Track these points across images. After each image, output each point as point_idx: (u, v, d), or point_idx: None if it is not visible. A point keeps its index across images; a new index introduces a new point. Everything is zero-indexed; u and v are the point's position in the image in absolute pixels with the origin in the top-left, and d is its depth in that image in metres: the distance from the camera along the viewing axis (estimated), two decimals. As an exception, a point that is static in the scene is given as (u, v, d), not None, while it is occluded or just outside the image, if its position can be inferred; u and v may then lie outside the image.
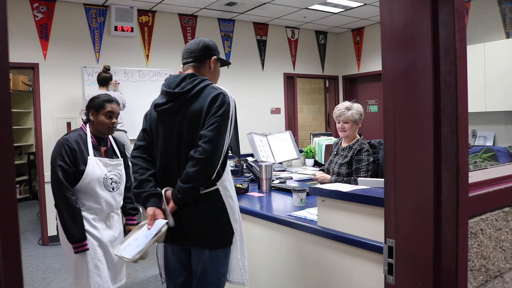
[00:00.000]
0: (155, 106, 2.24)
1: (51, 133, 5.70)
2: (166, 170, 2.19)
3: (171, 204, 2.12)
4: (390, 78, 1.23)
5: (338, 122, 3.35)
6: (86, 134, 2.66)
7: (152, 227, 2.12)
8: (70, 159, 2.54)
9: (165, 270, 2.37)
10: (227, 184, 2.20)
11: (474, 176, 1.32)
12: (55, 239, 5.64)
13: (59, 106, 5.75)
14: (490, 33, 6.20)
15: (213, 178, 2.11)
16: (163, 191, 2.15)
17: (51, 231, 5.64)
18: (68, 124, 5.78)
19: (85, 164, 2.58)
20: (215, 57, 2.31)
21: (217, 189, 2.15)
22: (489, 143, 6.32)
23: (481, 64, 6.02)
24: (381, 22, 1.24)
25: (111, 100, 2.72)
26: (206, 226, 2.14)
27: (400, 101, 1.20)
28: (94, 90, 5.62)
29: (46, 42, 5.65)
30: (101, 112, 2.67)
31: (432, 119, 1.11)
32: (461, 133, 1.10)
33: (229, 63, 2.46)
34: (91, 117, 2.68)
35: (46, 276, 4.44)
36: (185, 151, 2.11)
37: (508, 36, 6.07)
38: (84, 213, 2.61)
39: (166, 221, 2.10)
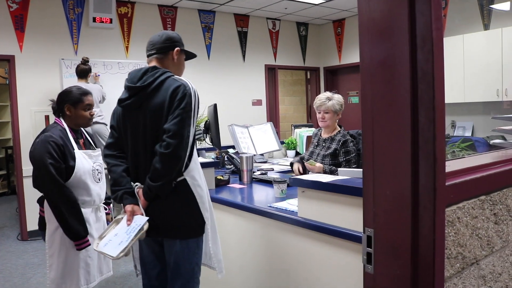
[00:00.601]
0: (119, 101, 2.25)
1: (29, 126, 5.60)
2: (137, 164, 2.22)
3: (142, 200, 2.15)
4: (368, 68, 1.22)
5: (319, 112, 3.35)
6: (65, 129, 2.61)
7: (132, 223, 2.13)
8: (59, 156, 2.48)
9: (140, 263, 2.38)
10: (195, 174, 2.20)
11: (452, 165, 1.33)
12: (34, 234, 5.56)
13: (36, 99, 5.63)
14: (469, 25, 6.27)
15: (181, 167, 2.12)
16: (135, 189, 2.17)
17: (30, 226, 5.56)
18: (46, 117, 5.67)
19: (73, 158, 2.53)
20: (178, 48, 2.31)
21: (184, 179, 2.16)
22: (468, 134, 6.41)
23: (460, 55, 6.09)
24: (358, 12, 1.24)
25: (86, 92, 2.68)
26: (175, 216, 2.16)
27: (378, 91, 1.20)
28: (74, 82, 5.54)
29: (22, 34, 5.53)
30: (79, 106, 2.63)
31: (409, 108, 1.11)
32: (438, 122, 1.10)
33: (195, 56, 2.43)
34: (67, 112, 2.62)
35: (26, 271, 4.38)
36: (151, 145, 2.12)
37: (486, 28, 6.14)
38: None
39: (147, 218, 2.12)
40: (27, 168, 5.54)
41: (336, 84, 8.67)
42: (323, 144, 3.38)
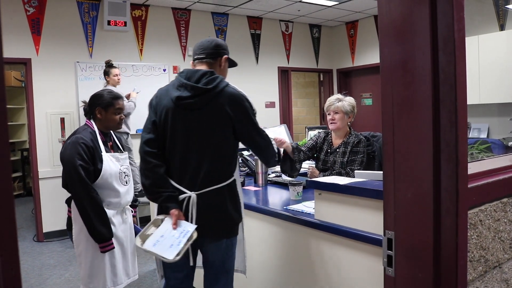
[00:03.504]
0: (178, 99, 2.17)
1: (45, 129, 5.66)
2: (184, 165, 2.21)
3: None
4: (389, 70, 1.22)
5: (329, 114, 3.23)
6: (95, 131, 2.67)
7: (180, 227, 2.16)
8: (88, 158, 2.54)
9: (164, 266, 2.36)
10: (237, 175, 2.33)
11: (472, 168, 1.31)
12: (50, 236, 5.63)
13: (52, 101, 5.69)
14: (484, 26, 6.21)
15: (233, 169, 2.29)
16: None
17: (46, 227, 5.62)
18: (62, 120, 5.74)
19: (101, 161, 2.60)
20: (226, 56, 2.38)
21: (234, 180, 2.27)
22: (483, 135, 6.34)
23: (475, 56, 6.03)
24: (378, 13, 1.23)
25: (117, 97, 2.76)
26: (226, 215, 2.23)
27: (398, 93, 1.19)
28: (88, 85, 5.63)
29: (38, 37, 5.59)
30: (110, 109, 2.70)
31: (431, 110, 1.11)
32: (460, 124, 1.09)
33: (236, 64, 2.51)
34: (98, 115, 2.69)
35: (42, 272, 4.42)
36: (203, 148, 2.18)
37: (502, 28, 6.08)
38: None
39: (195, 226, 2.15)
40: (43, 170, 5.61)
41: (350, 86, 8.64)
42: (337, 151, 3.23)
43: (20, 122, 8.60)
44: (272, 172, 3.81)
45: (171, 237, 2.12)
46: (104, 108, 2.68)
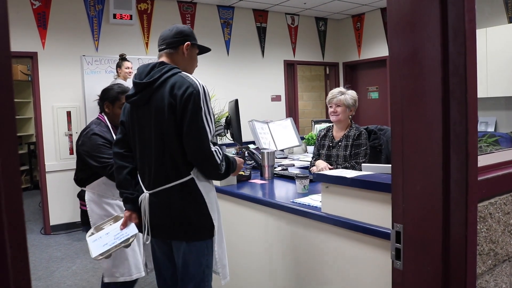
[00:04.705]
0: (126, 97, 2.20)
1: (51, 122, 5.68)
2: (143, 162, 2.17)
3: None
4: (397, 61, 1.20)
5: (330, 106, 3.28)
6: (107, 125, 2.71)
7: (125, 229, 2.22)
8: (106, 147, 2.63)
9: (154, 264, 2.36)
10: (198, 174, 2.13)
11: (482, 160, 1.30)
12: (57, 229, 5.66)
13: (58, 95, 5.72)
14: (492, 18, 6.15)
15: (187, 167, 2.08)
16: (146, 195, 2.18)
17: (53, 220, 5.66)
18: (68, 113, 5.76)
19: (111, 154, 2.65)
20: (189, 42, 2.19)
21: (192, 179, 2.08)
22: (491, 129, 6.30)
23: (483, 49, 5.97)
24: (387, 4, 1.22)
25: (125, 91, 2.74)
26: (182, 217, 2.09)
27: (407, 85, 1.18)
28: (94, 79, 5.63)
29: (44, 31, 5.60)
30: (116, 104, 2.72)
31: (440, 102, 1.09)
32: (470, 116, 1.08)
33: (208, 50, 2.33)
34: (106, 109, 2.72)
35: (49, 265, 4.45)
36: (156, 144, 2.07)
37: (510, 21, 6.01)
38: (118, 202, 2.70)
39: (137, 232, 2.20)
40: (49, 163, 5.63)
41: (356, 79, 8.60)
42: (339, 144, 3.28)
43: (26, 116, 8.64)
44: (279, 166, 3.80)
45: (111, 237, 2.21)
46: (111, 102, 2.71)
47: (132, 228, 2.20)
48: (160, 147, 2.06)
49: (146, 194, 2.15)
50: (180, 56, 2.19)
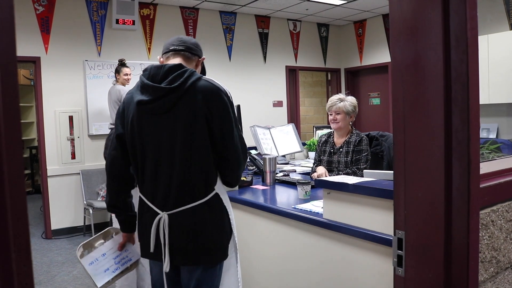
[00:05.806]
0: (139, 103, 1.88)
1: (53, 127, 5.69)
2: (156, 175, 1.90)
3: None
4: (400, 68, 1.21)
5: (330, 114, 3.29)
6: None
7: (125, 252, 2.11)
8: None
9: (152, 284, 2.11)
10: (220, 188, 1.97)
11: (484, 168, 1.30)
12: (58, 233, 5.66)
13: (61, 100, 5.73)
14: (494, 25, 6.16)
15: (212, 182, 1.92)
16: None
17: (54, 225, 5.66)
18: (70, 118, 5.77)
19: None
20: (204, 58, 2.10)
21: (217, 194, 1.92)
22: (493, 135, 6.29)
23: (484, 56, 5.98)
24: (390, 11, 1.22)
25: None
26: (209, 241, 1.89)
27: (409, 91, 1.18)
28: (96, 84, 5.63)
29: (47, 36, 5.62)
30: None
31: (443, 109, 1.10)
32: (472, 123, 1.08)
33: (205, 73, 2.17)
34: None
35: (50, 269, 4.45)
36: (180, 154, 1.84)
37: (512, 28, 6.03)
38: None
39: (139, 256, 2.07)
40: (51, 168, 5.64)
41: (357, 85, 8.61)
42: (341, 150, 3.29)
43: (29, 120, 8.66)
44: (280, 171, 3.80)
45: (110, 260, 2.06)
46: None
47: (134, 252, 2.09)
48: (187, 160, 1.84)
49: (164, 215, 1.87)
50: (193, 66, 2.01)
